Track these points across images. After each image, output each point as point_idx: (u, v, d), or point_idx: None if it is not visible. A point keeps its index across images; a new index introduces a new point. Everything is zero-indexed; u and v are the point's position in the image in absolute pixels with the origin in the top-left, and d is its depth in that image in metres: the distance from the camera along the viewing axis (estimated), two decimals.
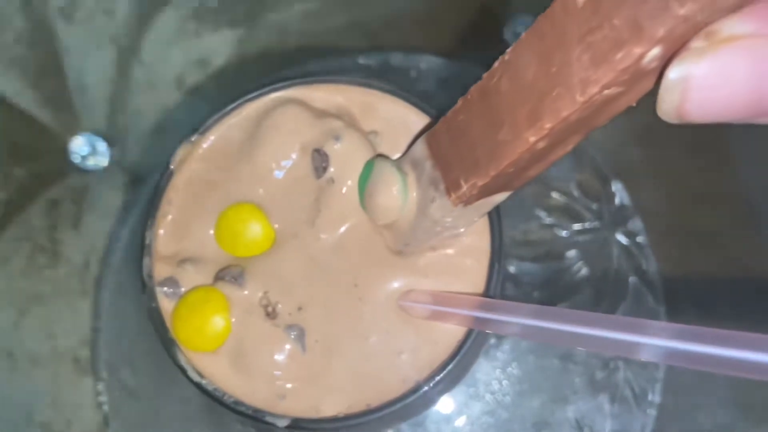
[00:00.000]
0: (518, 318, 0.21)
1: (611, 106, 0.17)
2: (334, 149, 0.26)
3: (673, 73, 0.14)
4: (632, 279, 0.37)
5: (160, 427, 0.37)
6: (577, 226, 0.38)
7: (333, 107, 0.28)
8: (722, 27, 0.14)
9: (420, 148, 0.24)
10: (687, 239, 0.38)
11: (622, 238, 0.38)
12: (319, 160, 0.26)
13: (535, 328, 0.20)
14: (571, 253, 0.38)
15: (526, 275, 0.37)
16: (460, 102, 0.22)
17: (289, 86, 0.28)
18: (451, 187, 0.23)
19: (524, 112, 0.18)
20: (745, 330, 0.15)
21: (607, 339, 0.17)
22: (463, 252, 0.26)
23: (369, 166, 0.26)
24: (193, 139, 0.28)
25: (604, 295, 0.37)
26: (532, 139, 0.18)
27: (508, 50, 0.19)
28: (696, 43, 0.14)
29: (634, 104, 0.17)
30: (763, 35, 0.13)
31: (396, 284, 0.26)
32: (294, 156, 0.27)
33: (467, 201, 0.22)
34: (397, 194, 0.24)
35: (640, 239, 0.38)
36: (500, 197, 0.23)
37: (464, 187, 0.22)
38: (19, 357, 0.39)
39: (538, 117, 0.18)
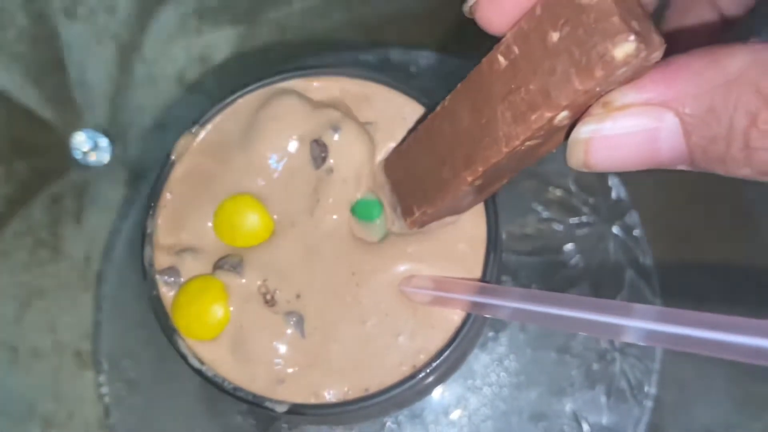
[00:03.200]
0: (518, 303, 0.21)
1: (534, 153, 0.20)
2: (333, 140, 0.26)
3: (577, 134, 0.17)
4: (629, 272, 0.37)
5: (160, 418, 0.38)
6: (574, 220, 0.38)
7: (329, 98, 0.28)
8: (616, 97, 0.16)
9: (379, 173, 0.27)
10: (683, 232, 0.39)
11: (618, 232, 0.38)
12: (318, 151, 0.27)
13: (536, 313, 0.21)
14: (569, 247, 0.38)
15: (524, 269, 0.38)
16: (411, 136, 0.25)
17: (285, 78, 0.28)
18: (406, 212, 0.25)
19: (462, 155, 0.21)
20: None
21: (604, 323, 0.18)
22: (460, 239, 0.26)
23: (365, 210, 0.27)
24: (193, 130, 0.28)
25: (600, 288, 0.37)
26: (469, 179, 0.21)
27: (448, 97, 0.22)
28: (595, 110, 0.17)
29: (554, 150, 0.20)
30: (649, 104, 0.16)
31: (394, 270, 0.26)
32: (292, 146, 0.27)
33: (420, 225, 0.25)
34: (375, 237, 0.27)
35: (636, 233, 0.38)
36: (451, 219, 0.26)
37: (416, 213, 0.25)
38: (21, 350, 0.40)
39: (472, 161, 0.21)
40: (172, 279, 0.27)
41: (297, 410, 0.25)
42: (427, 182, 0.24)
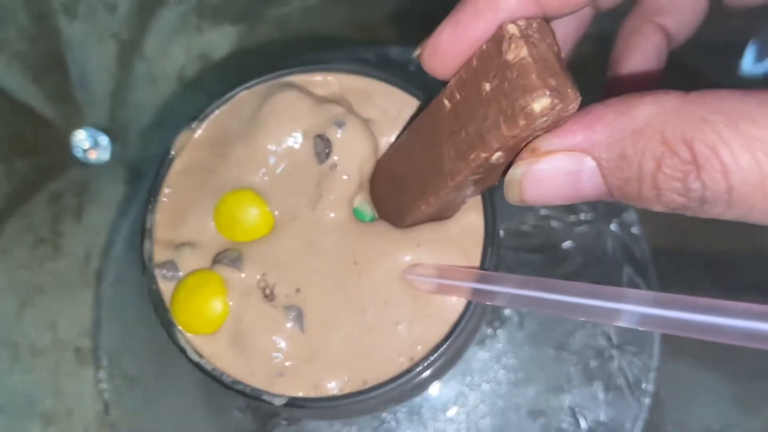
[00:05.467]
0: (519, 289, 0.22)
1: (478, 185, 0.22)
2: (336, 136, 0.26)
3: (512, 175, 0.20)
4: (626, 269, 0.38)
5: (159, 414, 0.38)
6: (572, 218, 0.38)
7: (330, 94, 0.28)
8: (542, 144, 0.19)
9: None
10: (680, 230, 0.39)
11: (616, 229, 0.38)
12: (322, 146, 0.27)
13: (537, 298, 0.21)
14: (567, 244, 0.38)
15: (522, 266, 0.38)
16: (378, 162, 0.27)
17: (286, 74, 0.28)
18: None
19: (416, 185, 0.24)
20: None
21: (600, 307, 0.19)
22: (460, 228, 0.26)
23: (361, 217, 0.28)
24: (192, 125, 0.28)
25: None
26: (423, 207, 0.24)
27: (405, 131, 0.24)
28: (525, 155, 0.19)
29: (497, 183, 0.22)
30: (571, 149, 0.18)
31: (396, 258, 0.26)
32: (295, 141, 0.27)
33: None
34: None
35: (634, 230, 0.38)
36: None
37: None
38: (21, 347, 0.40)
39: (425, 191, 0.23)
40: (171, 273, 0.27)
41: (295, 403, 0.25)
42: (391, 205, 0.26)
